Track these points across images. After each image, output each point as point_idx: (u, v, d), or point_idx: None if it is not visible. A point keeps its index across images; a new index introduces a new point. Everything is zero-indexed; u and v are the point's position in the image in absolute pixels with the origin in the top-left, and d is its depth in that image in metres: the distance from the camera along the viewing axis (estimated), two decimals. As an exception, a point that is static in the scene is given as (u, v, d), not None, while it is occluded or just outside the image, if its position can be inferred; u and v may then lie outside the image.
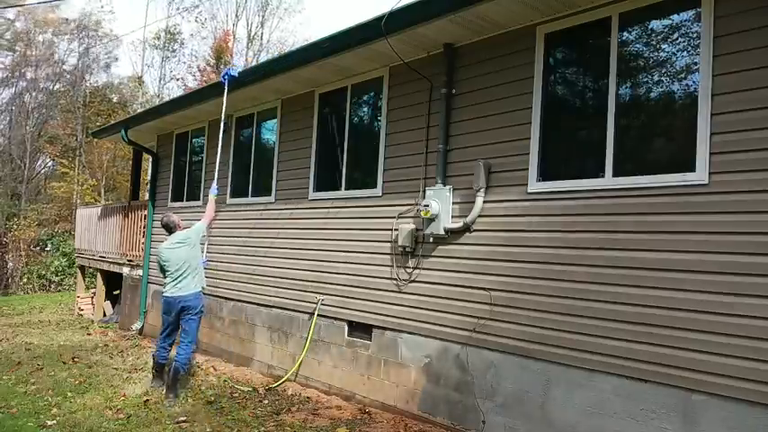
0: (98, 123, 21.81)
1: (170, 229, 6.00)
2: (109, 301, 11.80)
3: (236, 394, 5.84)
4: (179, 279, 5.70)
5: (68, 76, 28.29)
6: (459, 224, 4.78)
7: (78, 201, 23.96)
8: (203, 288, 5.91)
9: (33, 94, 27.95)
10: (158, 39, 27.76)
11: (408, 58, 5.26)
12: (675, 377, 3.52)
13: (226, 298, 7.68)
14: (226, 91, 6.65)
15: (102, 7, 45.09)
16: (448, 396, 4.80)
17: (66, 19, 28.79)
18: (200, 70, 27.36)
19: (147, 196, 11.10)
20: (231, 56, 26.39)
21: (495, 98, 4.69)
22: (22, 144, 27.07)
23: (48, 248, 21.93)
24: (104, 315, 11.53)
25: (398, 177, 5.44)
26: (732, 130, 3.41)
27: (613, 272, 3.85)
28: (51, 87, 28.50)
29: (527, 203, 4.40)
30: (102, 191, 24.59)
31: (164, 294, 5.82)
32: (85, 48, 28.49)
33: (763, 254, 3.24)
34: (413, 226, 5.17)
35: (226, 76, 6.65)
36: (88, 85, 27.75)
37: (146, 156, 11.80)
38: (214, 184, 6.45)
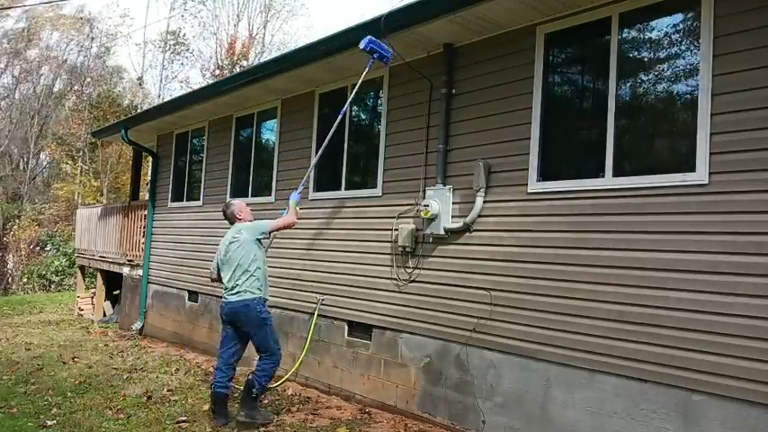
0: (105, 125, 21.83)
1: (229, 220, 5.08)
2: (109, 301, 11.81)
3: (237, 394, 5.84)
4: (229, 282, 4.83)
5: (70, 76, 28.28)
6: (459, 224, 4.78)
7: (80, 201, 23.96)
8: (261, 296, 4.81)
9: (36, 92, 27.94)
10: (164, 42, 27.77)
11: (408, 58, 5.25)
12: (676, 377, 3.51)
13: (226, 298, 7.67)
14: (368, 66, 5.10)
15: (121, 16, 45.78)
16: (448, 396, 4.79)
17: (81, 18, 28.76)
18: (206, 71, 27.39)
19: (147, 196, 11.10)
20: (247, 57, 26.39)
21: (495, 98, 4.69)
22: (24, 144, 27.07)
23: (48, 248, 21.94)
24: (104, 315, 11.54)
25: (398, 177, 5.44)
26: (732, 130, 3.41)
27: (613, 272, 3.85)
28: (53, 86, 28.51)
29: (527, 203, 4.40)
30: (105, 191, 24.59)
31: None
32: (99, 47, 28.52)
33: (763, 254, 3.24)
34: (413, 226, 5.17)
35: (372, 46, 4.87)
36: (93, 85, 27.73)
37: (146, 156, 11.81)
38: (298, 189, 5.35)
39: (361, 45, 4.82)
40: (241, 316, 4.74)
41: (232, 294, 4.77)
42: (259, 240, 4.88)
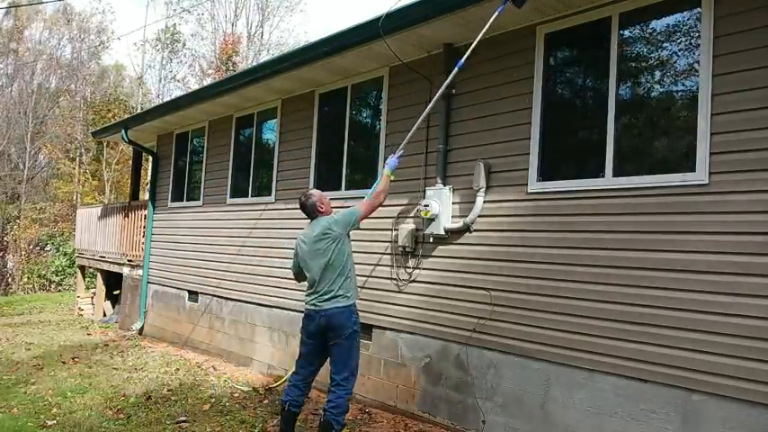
0: (102, 124, 21.81)
1: (309, 214, 4.29)
2: (109, 301, 11.81)
3: (236, 394, 5.84)
4: (317, 286, 4.08)
5: (65, 72, 28.29)
6: (459, 224, 4.78)
7: (79, 201, 23.96)
8: (354, 301, 4.12)
9: (31, 91, 27.95)
10: (159, 40, 27.75)
11: (408, 57, 5.26)
12: (675, 377, 3.51)
13: (226, 298, 7.68)
14: (497, 12, 4.14)
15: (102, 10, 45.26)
16: (448, 396, 4.80)
17: (68, 20, 28.82)
18: (202, 71, 27.36)
19: (147, 196, 11.10)
20: (237, 54, 26.39)
21: (496, 98, 4.69)
22: (21, 143, 27.07)
23: (48, 248, 21.95)
24: (104, 315, 11.53)
25: (399, 177, 5.42)
26: (732, 130, 3.41)
27: (613, 272, 3.85)
28: (46, 84, 28.52)
29: (527, 203, 4.40)
30: (108, 191, 24.59)
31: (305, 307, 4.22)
32: (91, 46, 28.50)
33: (763, 254, 3.24)
34: (413, 226, 5.17)
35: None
36: (86, 83, 27.72)
37: (146, 156, 11.81)
38: (397, 154, 4.49)
39: None
40: (334, 324, 4.01)
41: (322, 300, 4.04)
42: (348, 235, 4.17)
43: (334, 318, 4.01)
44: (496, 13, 4.16)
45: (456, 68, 4.33)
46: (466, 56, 4.29)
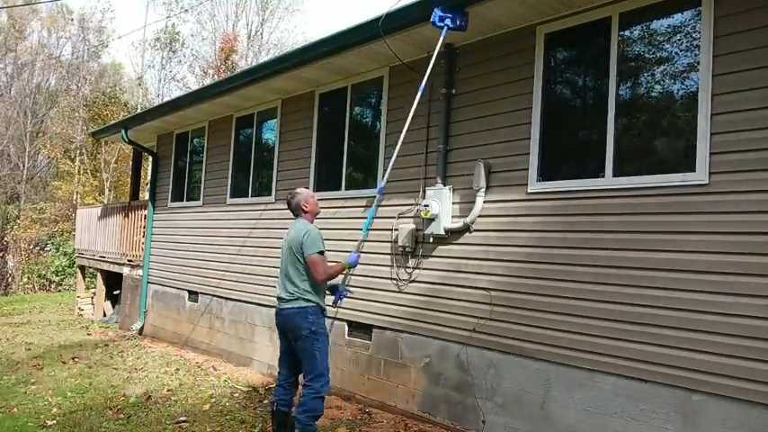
0: (102, 124, 21.82)
1: (293, 211, 4.31)
2: (109, 301, 11.81)
3: (236, 394, 5.84)
4: (282, 285, 4.20)
5: (65, 71, 28.28)
6: (459, 224, 4.78)
7: (79, 201, 23.95)
8: (314, 303, 4.06)
9: (30, 91, 27.96)
10: (158, 40, 27.75)
11: (408, 58, 5.26)
12: (675, 377, 3.51)
13: (226, 298, 7.68)
14: (442, 38, 4.43)
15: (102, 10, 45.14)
16: (448, 396, 4.79)
17: (72, 19, 28.82)
18: (203, 71, 27.35)
19: (147, 196, 11.10)
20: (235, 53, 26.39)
21: (495, 98, 4.68)
22: (20, 143, 27.06)
23: (48, 249, 21.95)
24: (104, 315, 11.53)
25: (398, 177, 5.44)
26: (732, 129, 3.41)
27: (613, 272, 3.85)
28: (47, 84, 28.53)
29: (527, 203, 4.40)
30: (107, 191, 24.59)
31: None
32: (90, 44, 28.51)
33: (763, 254, 3.24)
34: (413, 226, 5.17)
35: (444, 20, 4.32)
36: (89, 82, 27.73)
37: (146, 156, 11.81)
38: (358, 250, 4.56)
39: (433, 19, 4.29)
40: (287, 324, 4.14)
41: (285, 301, 4.14)
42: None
43: (289, 318, 4.06)
44: (441, 39, 4.38)
45: (419, 92, 4.51)
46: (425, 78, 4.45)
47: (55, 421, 4.82)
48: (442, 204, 4.83)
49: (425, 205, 4.86)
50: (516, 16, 4.43)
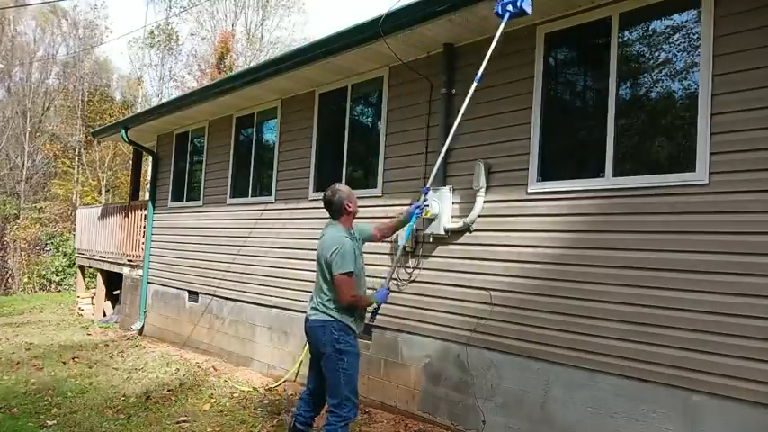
0: (99, 123, 21.81)
1: (334, 213, 3.86)
2: (109, 301, 11.81)
3: (236, 394, 5.84)
4: (314, 292, 3.87)
5: (62, 69, 28.26)
6: (459, 224, 4.78)
7: (78, 201, 23.95)
8: (336, 318, 3.70)
9: (27, 90, 27.93)
10: (152, 36, 27.69)
11: (408, 58, 5.25)
12: (676, 377, 3.51)
13: (226, 298, 7.68)
14: (502, 26, 4.10)
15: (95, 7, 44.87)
16: (448, 396, 4.80)
17: (66, 18, 28.84)
18: (201, 70, 27.34)
19: (147, 196, 11.10)
20: (231, 53, 26.35)
21: (495, 98, 4.68)
22: (19, 143, 27.04)
23: (48, 249, 21.95)
24: (104, 315, 11.53)
25: (398, 177, 5.44)
26: (732, 129, 3.41)
27: (613, 272, 3.85)
28: (43, 83, 28.51)
29: (527, 203, 4.40)
30: (104, 190, 24.58)
31: None
32: (84, 44, 28.47)
33: (763, 254, 3.24)
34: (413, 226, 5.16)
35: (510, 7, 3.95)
36: (86, 80, 27.70)
37: (146, 156, 11.81)
38: (385, 287, 4.29)
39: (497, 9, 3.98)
40: (314, 336, 3.81)
41: (312, 309, 3.83)
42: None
43: (312, 330, 3.76)
44: (502, 25, 4.06)
45: (475, 83, 4.15)
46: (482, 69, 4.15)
47: (55, 421, 4.82)
48: (442, 204, 4.83)
49: (426, 205, 4.85)
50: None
